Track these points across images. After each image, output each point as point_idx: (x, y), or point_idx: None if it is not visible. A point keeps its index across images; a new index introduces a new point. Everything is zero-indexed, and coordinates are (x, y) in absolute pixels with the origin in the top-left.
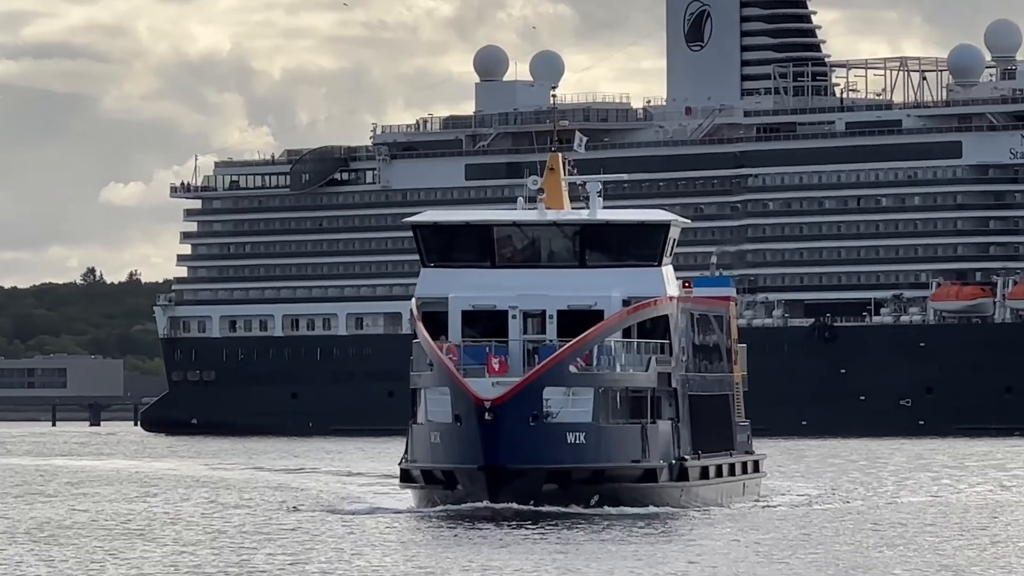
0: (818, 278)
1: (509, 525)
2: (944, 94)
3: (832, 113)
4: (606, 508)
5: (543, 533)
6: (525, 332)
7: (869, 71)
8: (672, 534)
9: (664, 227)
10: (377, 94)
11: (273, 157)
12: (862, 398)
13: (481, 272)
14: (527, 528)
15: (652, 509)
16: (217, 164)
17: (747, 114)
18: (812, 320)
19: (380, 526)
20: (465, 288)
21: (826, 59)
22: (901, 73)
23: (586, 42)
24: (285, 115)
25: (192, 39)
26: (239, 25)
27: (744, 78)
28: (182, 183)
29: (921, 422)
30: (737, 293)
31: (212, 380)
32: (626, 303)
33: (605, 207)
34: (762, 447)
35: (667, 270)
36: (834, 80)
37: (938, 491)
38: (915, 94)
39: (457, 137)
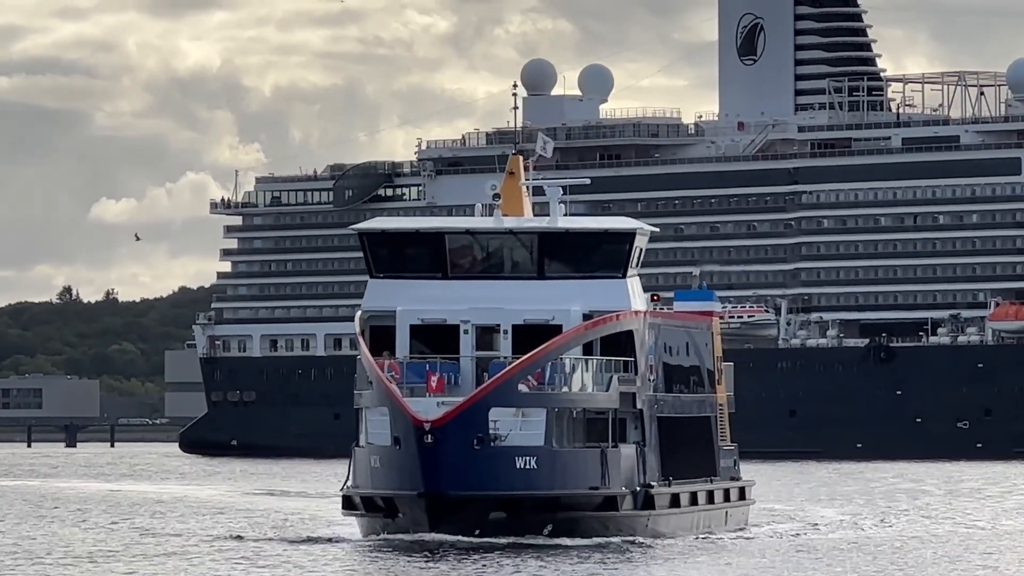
0: (874, 297)
1: (450, 558)
2: (1003, 109)
3: (888, 129)
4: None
5: (488, 566)
6: (479, 348)
7: (925, 86)
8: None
9: (629, 235)
10: (371, 111)
11: (315, 173)
12: (918, 420)
13: (432, 284)
14: (471, 561)
15: (612, 540)
16: (258, 180)
17: (801, 129)
18: (867, 340)
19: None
20: (414, 301)
21: (882, 73)
22: (959, 88)
23: (585, 58)
24: (277, 132)
25: (182, 55)
26: (230, 41)
27: (798, 93)
28: (223, 199)
29: (979, 445)
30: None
31: (252, 401)
32: (587, 317)
33: (651, 224)
34: (805, 470)
35: (632, 282)
36: (890, 95)
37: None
38: (973, 109)
39: (504, 152)
